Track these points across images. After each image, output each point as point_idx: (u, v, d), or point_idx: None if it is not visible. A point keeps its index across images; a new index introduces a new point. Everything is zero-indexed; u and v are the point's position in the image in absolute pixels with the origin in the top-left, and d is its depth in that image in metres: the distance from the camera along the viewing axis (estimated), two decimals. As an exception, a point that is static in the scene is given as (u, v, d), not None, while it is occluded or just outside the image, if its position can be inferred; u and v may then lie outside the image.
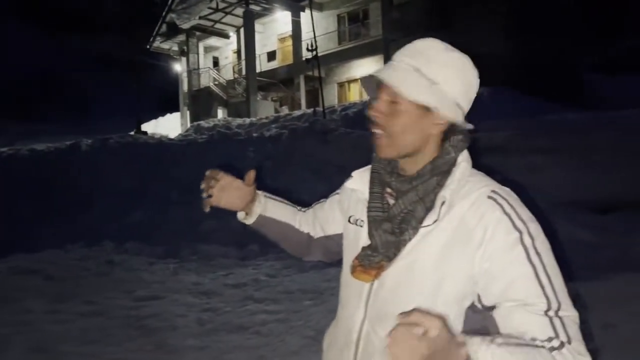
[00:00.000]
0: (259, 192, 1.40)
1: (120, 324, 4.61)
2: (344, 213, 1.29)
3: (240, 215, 1.40)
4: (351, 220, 1.22)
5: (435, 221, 1.02)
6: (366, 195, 1.17)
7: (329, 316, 4.46)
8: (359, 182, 1.22)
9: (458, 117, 1.07)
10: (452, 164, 1.08)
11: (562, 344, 0.90)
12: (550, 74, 17.16)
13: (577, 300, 0.98)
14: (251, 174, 1.34)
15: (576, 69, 20.29)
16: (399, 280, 1.06)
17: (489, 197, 1.02)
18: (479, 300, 1.00)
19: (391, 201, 1.12)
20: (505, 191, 1.05)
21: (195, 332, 4.34)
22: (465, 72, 1.08)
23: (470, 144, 1.12)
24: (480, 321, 1.00)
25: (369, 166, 1.22)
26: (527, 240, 0.97)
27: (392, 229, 1.07)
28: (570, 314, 0.94)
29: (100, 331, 4.44)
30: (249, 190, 1.35)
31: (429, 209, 1.05)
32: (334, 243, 1.35)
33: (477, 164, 1.17)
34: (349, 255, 1.19)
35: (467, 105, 1.10)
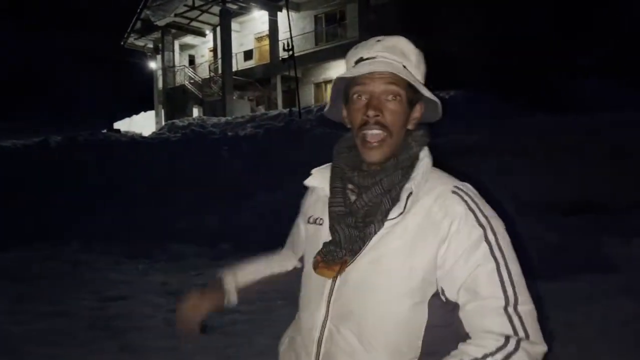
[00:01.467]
0: (222, 276, 1.40)
1: (85, 325, 4.50)
2: (304, 219, 1.26)
3: (224, 303, 1.38)
4: (310, 220, 1.20)
5: (400, 214, 1.02)
6: (327, 192, 1.14)
7: (298, 316, 4.37)
8: (319, 179, 1.18)
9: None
10: (415, 158, 1.09)
11: (518, 342, 0.92)
12: (524, 79, 17.48)
13: (539, 299, 1.00)
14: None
15: (550, 73, 20.70)
16: (364, 275, 1.04)
17: (454, 192, 1.04)
18: (442, 293, 1.01)
19: (352, 197, 1.11)
20: (467, 187, 1.07)
21: (163, 333, 4.25)
22: (424, 68, 1.14)
23: (443, 146, 1.13)
24: (447, 315, 1.01)
25: (329, 164, 1.20)
26: (491, 237, 0.99)
27: (355, 223, 1.05)
28: (528, 307, 0.96)
29: (65, 332, 4.33)
30: (215, 295, 1.37)
31: (394, 202, 1.04)
32: None
33: (449, 166, 1.18)
34: (310, 254, 1.16)
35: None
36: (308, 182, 1.21)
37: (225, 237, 7.90)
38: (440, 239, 1.00)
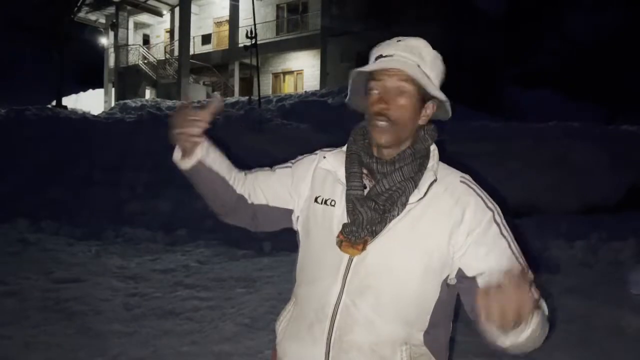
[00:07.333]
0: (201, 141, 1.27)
1: (37, 306, 4.33)
2: (298, 192, 1.30)
3: (177, 156, 1.26)
4: (319, 200, 1.24)
5: (420, 199, 1.13)
6: (340, 175, 1.21)
7: (264, 304, 4.49)
8: (333, 163, 1.24)
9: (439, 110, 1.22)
10: (429, 149, 1.20)
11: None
12: (475, 84, 18.08)
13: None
14: (218, 100, 1.27)
15: (497, 81, 21.53)
16: (383, 255, 1.13)
17: (462, 182, 1.18)
18: (458, 272, 1.12)
19: (366, 182, 1.18)
20: (470, 178, 1.20)
21: (122, 317, 4.16)
22: (442, 71, 1.22)
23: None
24: (452, 293, 1.16)
25: (339, 149, 1.28)
26: (498, 218, 1.14)
27: (375, 206, 1.13)
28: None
29: (16, 313, 4.15)
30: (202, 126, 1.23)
31: (415, 188, 1.15)
32: (272, 215, 1.34)
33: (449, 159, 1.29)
34: (320, 234, 1.21)
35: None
36: (323, 165, 1.27)
37: (180, 223, 7.76)
38: (454, 225, 1.12)
